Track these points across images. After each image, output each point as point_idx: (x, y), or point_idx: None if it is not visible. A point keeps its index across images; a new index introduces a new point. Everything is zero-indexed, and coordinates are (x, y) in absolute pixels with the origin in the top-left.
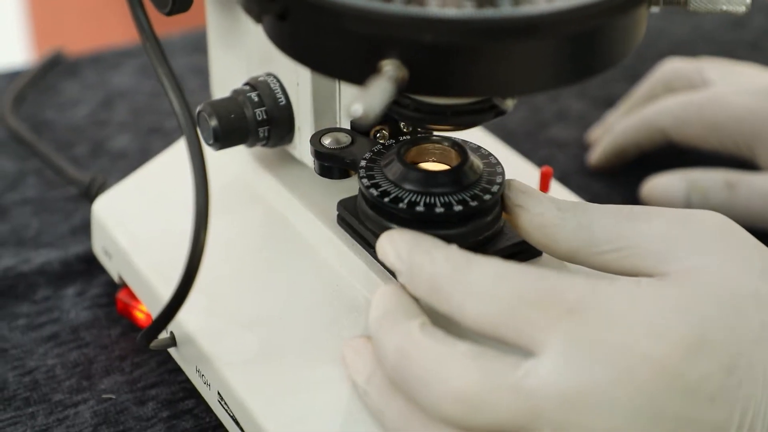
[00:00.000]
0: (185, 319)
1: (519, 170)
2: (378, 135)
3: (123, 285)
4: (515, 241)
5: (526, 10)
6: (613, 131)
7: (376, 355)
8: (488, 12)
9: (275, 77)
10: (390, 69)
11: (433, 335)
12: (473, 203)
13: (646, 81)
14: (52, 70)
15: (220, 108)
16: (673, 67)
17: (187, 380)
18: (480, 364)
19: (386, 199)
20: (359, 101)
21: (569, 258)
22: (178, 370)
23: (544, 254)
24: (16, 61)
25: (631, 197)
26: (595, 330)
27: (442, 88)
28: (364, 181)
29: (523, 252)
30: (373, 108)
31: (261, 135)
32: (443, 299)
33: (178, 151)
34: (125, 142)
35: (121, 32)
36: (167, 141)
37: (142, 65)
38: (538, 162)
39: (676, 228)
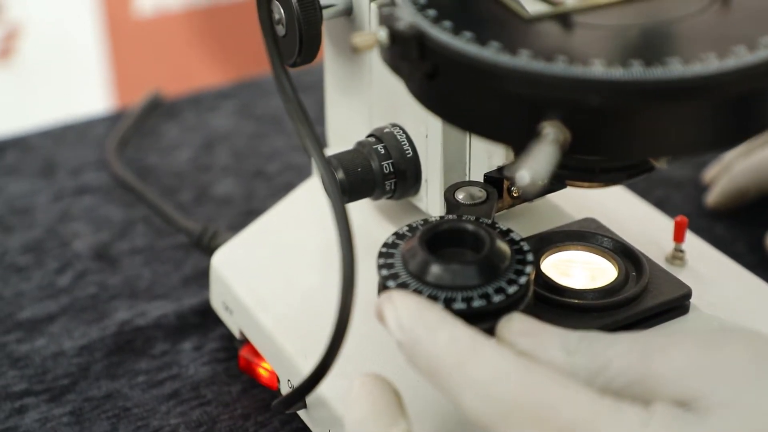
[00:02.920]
0: None
1: (653, 222)
2: (512, 189)
3: (245, 341)
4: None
5: (697, 69)
6: (731, 171)
7: None
8: (658, 72)
9: (401, 128)
10: (552, 132)
11: None
12: (497, 298)
13: None
14: (152, 113)
15: (347, 161)
16: None
17: None
18: None
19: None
20: (525, 168)
21: None
22: (303, 429)
23: (690, 313)
24: (97, 108)
25: (757, 241)
26: None
27: (605, 149)
28: (383, 271)
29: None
30: (540, 174)
31: (387, 188)
32: (441, 383)
33: (295, 200)
34: (229, 187)
35: (209, 73)
36: (271, 185)
37: (240, 106)
38: (653, 202)
39: (698, 358)
